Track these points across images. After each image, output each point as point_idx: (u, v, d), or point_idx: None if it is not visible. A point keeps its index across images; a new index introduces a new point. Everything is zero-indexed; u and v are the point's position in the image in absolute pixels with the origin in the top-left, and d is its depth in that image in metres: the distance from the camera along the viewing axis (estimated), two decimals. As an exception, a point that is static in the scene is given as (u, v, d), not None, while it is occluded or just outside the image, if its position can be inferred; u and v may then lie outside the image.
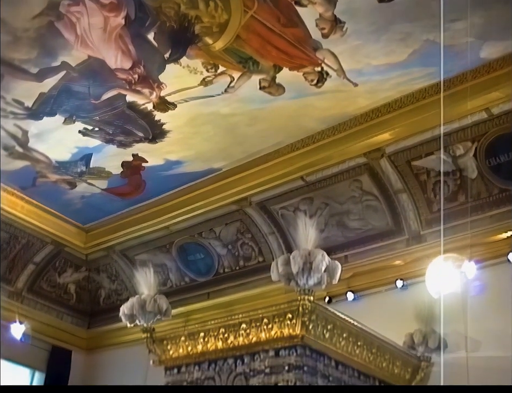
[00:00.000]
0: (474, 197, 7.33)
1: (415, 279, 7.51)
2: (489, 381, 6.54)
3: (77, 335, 11.51)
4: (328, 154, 7.77)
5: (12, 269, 10.55)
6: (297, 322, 5.44)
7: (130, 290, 10.46)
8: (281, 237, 8.85)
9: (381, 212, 7.96)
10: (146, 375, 9.79)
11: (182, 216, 9.26)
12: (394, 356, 6.70)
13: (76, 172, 8.94)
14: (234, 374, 5.86)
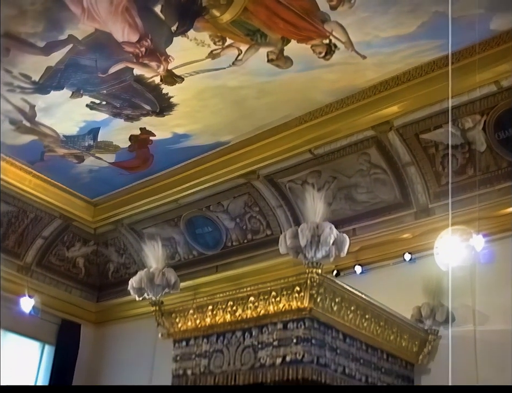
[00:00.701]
0: (483, 171, 7.29)
1: (423, 253, 7.50)
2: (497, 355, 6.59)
3: (86, 309, 11.57)
4: (336, 127, 7.74)
5: (21, 243, 10.59)
6: (305, 295, 5.45)
7: (139, 263, 10.51)
8: (289, 210, 8.85)
9: (389, 185, 7.94)
10: (155, 348, 9.88)
11: (190, 189, 9.26)
12: (402, 329, 6.71)
13: (84, 146, 8.94)
14: (243, 346, 5.89)
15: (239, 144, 8.52)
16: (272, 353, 5.60)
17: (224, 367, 5.98)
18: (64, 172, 9.67)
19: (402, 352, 6.78)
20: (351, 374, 5.95)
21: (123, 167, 9.37)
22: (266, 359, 5.64)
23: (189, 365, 6.32)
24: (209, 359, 6.14)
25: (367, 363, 6.22)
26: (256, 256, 9.32)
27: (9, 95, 7.91)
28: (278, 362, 5.54)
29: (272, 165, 8.49)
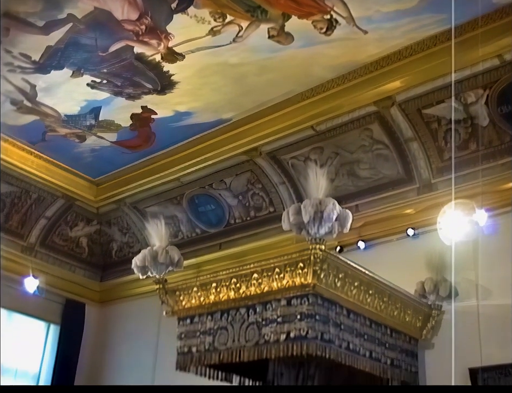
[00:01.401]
0: (485, 145, 7.27)
1: (426, 228, 7.51)
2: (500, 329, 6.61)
3: (90, 288, 11.62)
4: (338, 103, 7.72)
5: (24, 224, 10.61)
6: (308, 271, 5.45)
7: (142, 242, 10.52)
8: (291, 187, 8.83)
9: (392, 160, 7.93)
10: (159, 326, 9.93)
11: (192, 167, 9.25)
12: (406, 304, 6.72)
13: (85, 126, 8.93)
14: (247, 323, 5.89)
15: (241, 121, 8.50)
16: (276, 330, 5.60)
17: (229, 344, 5.98)
18: (66, 151, 9.67)
19: (406, 327, 6.80)
20: (355, 349, 5.96)
21: (125, 146, 9.37)
22: (270, 335, 5.64)
23: (193, 343, 6.33)
24: (214, 337, 6.14)
25: (371, 339, 6.23)
26: (259, 233, 9.34)
27: (9, 76, 7.89)
28: (282, 338, 5.54)
29: (274, 142, 8.47)
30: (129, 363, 10.62)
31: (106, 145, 9.38)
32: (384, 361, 6.39)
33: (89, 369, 11.21)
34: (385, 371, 6.42)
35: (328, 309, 5.64)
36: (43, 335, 11.12)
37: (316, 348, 5.44)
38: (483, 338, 6.75)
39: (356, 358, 5.97)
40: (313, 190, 5.44)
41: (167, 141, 9.13)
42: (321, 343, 5.49)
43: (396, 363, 6.59)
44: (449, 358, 5.82)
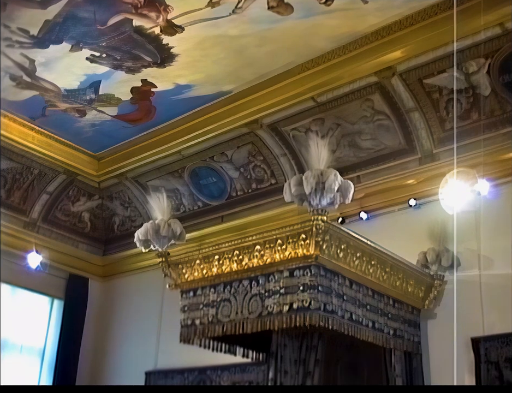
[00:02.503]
0: (487, 115, 7.25)
1: (428, 198, 7.52)
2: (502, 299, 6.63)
3: (93, 262, 11.66)
4: (339, 74, 7.67)
5: (26, 199, 10.61)
6: (310, 242, 5.45)
7: (144, 216, 10.54)
8: (293, 159, 8.82)
9: (393, 131, 7.90)
10: (162, 299, 9.98)
11: (193, 140, 9.22)
12: (408, 274, 6.74)
13: (86, 100, 8.88)
14: (250, 295, 5.90)
15: (241, 93, 8.44)
16: (279, 301, 5.62)
17: (232, 316, 6.00)
18: (67, 126, 9.64)
19: (408, 297, 6.82)
20: (358, 320, 5.98)
21: (126, 119, 9.33)
22: (273, 307, 5.66)
23: (197, 315, 6.36)
24: (217, 309, 6.16)
25: (374, 309, 6.26)
26: (261, 205, 9.35)
27: (8, 51, 7.83)
28: (285, 310, 5.56)
29: (275, 114, 8.43)
30: (133, 337, 10.69)
31: (106, 119, 9.34)
32: (387, 331, 6.42)
33: (93, 343, 11.29)
34: (388, 342, 6.46)
35: (330, 280, 5.65)
36: (47, 310, 11.18)
37: (319, 319, 5.45)
38: (485, 307, 6.79)
39: (358, 329, 5.99)
40: (314, 161, 5.41)
41: (167, 114, 9.08)
42: (324, 313, 5.51)
43: (399, 333, 6.62)
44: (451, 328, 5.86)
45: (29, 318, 10.82)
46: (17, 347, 10.54)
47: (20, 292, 10.76)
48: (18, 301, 10.73)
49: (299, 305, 5.48)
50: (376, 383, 7.19)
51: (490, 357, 6.56)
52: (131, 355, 10.60)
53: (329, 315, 5.57)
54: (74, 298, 11.22)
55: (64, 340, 10.88)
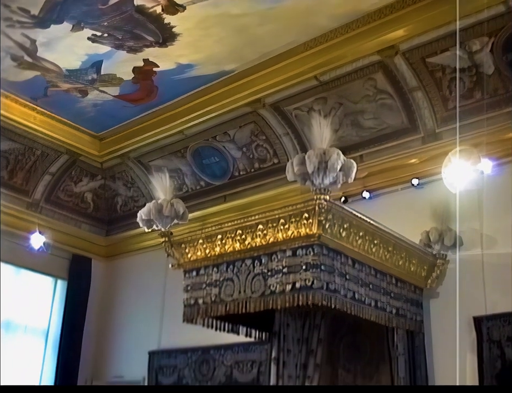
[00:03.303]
0: (490, 94, 7.20)
1: (430, 178, 7.51)
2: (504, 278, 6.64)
3: (96, 243, 11.69)
4: (342, 53, 7.61)
5: (29, 180, 10.62)
6: (313, 221, 5.44)
7: (147, 196, 10.54)
8: (295, 138, 8.80)
9: (396, 110, 7.87)
10: (165, 279, 10.00)
11: (196, 120, 9.18)
12: (411, 254, 6.75)
13: (87, 80, 8.85)
14: (253, 274, 5.91)
15: (243, 72, 8.40)
16: (282, 280, 5.63)
17: (235, 295, 6.01)
18: (69, 107, 9.61)
19: (411, 276, 6.83)
20: (360, 299, 5.99)
21: (128, 99, 9.29)
22: (276, 286, 5.67)
23: (200, 295, 6.37)
24: (220, 288, 6.17)
25: (376, 288, 6.26)
26: (264, 184, 9.33)
27: (8, 31, 7.79)
28: (288, 289, 5.57)
29: (278, 93, 8.38)
30: (136, 317, 10.73)
31: (108, 99, 9.31)
32: (389, 310, 6.43)
33: (96, 323, 11.34)
34: (390, 321, 6.47)
35: (333, 259, 5.66)
36: (51, 290, 11.22)
37: (321, 298, 5.46)
38: (488, 286, 6.80)
39: (361, 308, 6.00)
40: (317, 140, 5.40)
41: (169, 93, 9.04)
42: (327, 292, 5.52)
43: (401, 312, 6.63)
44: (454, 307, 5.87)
45: (32, 298, 10.86)
46: (21, 327, 10.59)
47: (24, 272, 10.79)
48: (22, 282, 10.77)
49: (302, 284, 5.49)
50: (378, 362, 7.24)
51: (492, 336, 6.58)
52: (134, 335, 10.64)
53: (332, 294, 5.57)
54: (77, 278, 11.26)
55: (68, 320, 10.93)
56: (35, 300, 10.90)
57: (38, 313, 10.92)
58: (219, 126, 9.24)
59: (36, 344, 10.80)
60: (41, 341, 10.87)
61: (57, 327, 10.94)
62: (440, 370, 6.94)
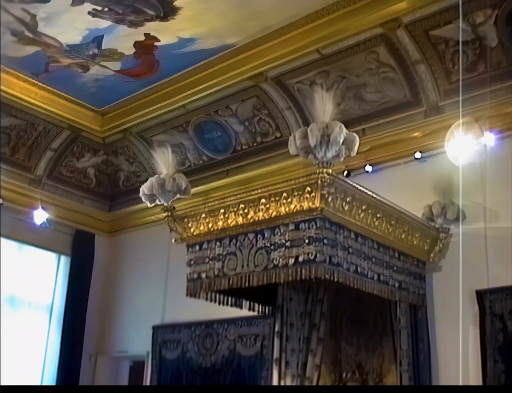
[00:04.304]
0: (494, 67, 7.16)
1: (433, 151, 7.49)
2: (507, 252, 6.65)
3: (99, 218, 11.70)
4: (344, 26, 7.53)
5: (31, 156, 10.61)
6: (316, 195, 5.44)
7: (149, 171, 10.53)
8: (298, 112, 8.75)
9: (399, 83, 7.82)
10: (169, 254, 10.02)
11: (198, 94, 9.13)
12: (413, 227, 6.75)
13: (88, 55, 8.79)
14: (256, 248, 5.93)
15: (245, 46, 8.33)
16: (285, 254, 5.65)
17: (238, 269, 6.04)
18: (70, 82, 9.56)
19: (413, 250, 6.84)
20: (363, 272, 6.02)
21: (129, 74, 9.23)
22: (279, 260, 5.69)
23: (203, 269, 6.40)
24: (223, 262, 6.20)
25: (379, 262, 6.28)
26: (266, 159, 9.32)
27: (8, 6, 7.74)
28: (290, 263, 5.60)
29: (280, 67, 8.32)
30: (140, 291, 10.77)
31: (109, 74, 9.25)
32: (392, 283, 6.45)
33: (100, 298, 11.39)
34: (393, 294, 6.49)
35: (336, 233, 5.67)
36: (55, 266, 11.25)
37: (324, 272, 5.48)
38: (490, 260, 6.81)
39: (364, 281, 6.02)
40: (319, 114, 5.38)
41: (171, 68, 8.98)
42: (329, 266, 5.54)
43: (404, 286, 6.65)
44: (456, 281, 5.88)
45: (36, 274, 10.90)
46: (25, 303, 10.64)
47: (27, 248, 10.82)
48: (25, 258, 10.80)
49: (305, 258, 5.51)
50: (381, 336, 7.26)
51: (494, 310, 6.60)
52: (138, 310, 10.68)
53: (334, 267, 5.59)
54: (81, 254, 11.29)
55: (72, 295, 10.98)
56: (38, 276, 10.94)
57: (42, 288, 10.96)
58: (221, 100, 9.20)
59: (40, 319, 10.84)
60: (45, 317, 10.91)
61: (61, 303, 10.98)
62: (442, 344, 6.98)
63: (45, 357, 10.75)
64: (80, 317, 10.93)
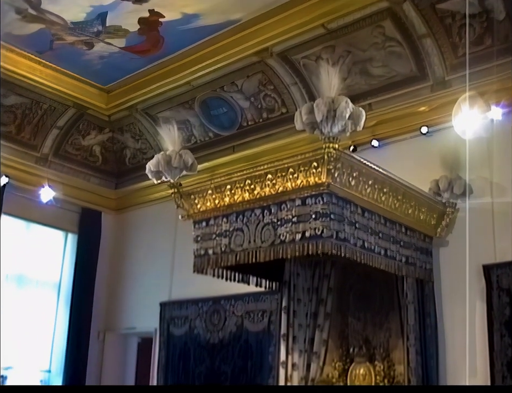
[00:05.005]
0: (501, 40, 7.09)
1: (440, 126, 7.46)
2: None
3: (106, 196, 11.72)
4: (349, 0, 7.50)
5: (37, 135, 10.61)
6: (322, 170, 5.43)
7: (155, 148, 10.52)
8: (303, 87, 8.70)
9: (405, 58, 7.76)
10: (175, 231, 10.05)
11: (203, 70, 9.09)
12: (420, 202, 6.74)
13: (93, 32, 8.75)
14: (262, 224, 5.93)
15: (250, 21, 8.26)
16: (292, 230, 5.65)
17: (245, 245, 6.04)
18: (75, 60, 9.53)
19: (420, 225, 6.83)
20: (370, 247, 6.01)
21: (134, 51, 9.18)
22: (285, 235, 5.69)
23: (210, 245, 6.41)
24: (230, 238, 6.20)
25: (386, 237, 6.28)
26: (273, 134, 9.29)
27: (12, -17, 7.75)
28: (297, 238, 5.60)
29: (285, 42, 8.26)
30: (147, 268, 10.81)
31: (114, 51, 9.21)
32: (399, 258, 6.45)
33: (107, 275, 11.43)
34: (400, 269, 6.50)
35: (342, 208, 5.66)
36: (62, 244, 11.30)
37: (331, 247, 5.48)
38: (497, 235, 6.80)
39: (371, 256, 6.02)
40: (325, 89, 5.35)
41: (176, 44, 8.94)
42: (336, 241, 5.53)
43: (411, 261, 6.66)
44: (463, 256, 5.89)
45: (44, 252, 10.94)
46: (33, 281, 10.69)
47: (34, 227, 10.86)
48: (33, 236, 10.84)
49: (311, 233, 5.51)
50: (388, 311, 7.29)
51: (501, 284, 6.60)
52: (145, 287, 10.72)
53: (341, 243, 5.59)
54: (88, 231, 11.32)
55: (79, 273, 11.02)
56: (46, 254, 10.99)
57: (49, 267, 11.01)
58: (226, 76, 9.15)
59: (48, 297, 10.90)
60: (53, 295, 10.98)
61: (69, 281, 11.03)
62: (449, 318, 6.99)
63: (54, 335, 10.83)
64: (88, 295, 10.97)
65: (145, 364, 10.58)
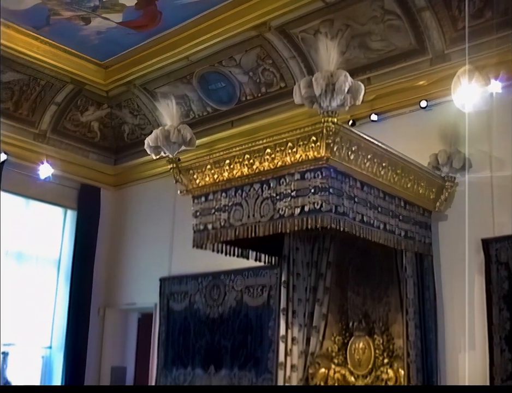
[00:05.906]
0: (501, 13, 7.02)
1: (439, 100, 7.43)
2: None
3: (104, 172, 11.70)
4: (348, -28, 7.48)
5: (35, 111, 10.57)
6: (321, 144, 5.41)
7: (153, 124, 10.48)
8: (302, 62, 8.65)
9: (404, 31, 7.70)
10: (174, 206, 10.05)
11: (201, 45, 9.03)
12: (419, 176, 6.72)
13: (90, 7, 8.67)
14: (261, 198, 5.92)
15: (248, -5, 8.24)
16: (291, 204, 5.64)
17: (244, 220, 6.03)
18: (72, 35, 9.45)
19: (419, 199, 6.83)
20: (369, 221, 6.00)
21: (131, 26, 9.10)
22: (284, 210, 5.68)
23: (209, 220, 6.41)
24: (229, 213, 6.20)
25: (385, 211, 6.26)
26: (271, 109, 9.26)
27: (7, -42, 7.68)
28: (296, 212, 5.59)
29: (283, 16, 8.17)
30: (146, 244, 10.83)
31: (112, 26, 9.13)
32: (398, 232, 6.45)
33: (107, 252, 11.46)
34: (399, 243, 6.50)
35: (341, 182, 5.64)
36: (61, 221, 11.31)
37: (330, 221, 5.47)
38: (496, 209, 6.80)
39: (370, 231, 6.02)
40: (324, 63, 5.31)
41: (173, 19, 8.86)
42: (336, 215, 5.52)
43: (410, 235, 6.65)
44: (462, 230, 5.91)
45: (43, 229, 10.95)
46: (32, 258, 10.71)
47: (33, 204, 10.86)
48: (32, 213, 10.85)
49: (310, 207, 5.50)
50: (387, 285, 7.31)
51: (500, 258, 6.61)
52: (145, 262, 10.76)
53: (340, 217, 5.58)
54: (87, 208, 11.32)
55: (79, 249, 11.03)
56: (45, 231, 11.00)
57: (49, 243, 11.03)
58: (224, 51, 9.09)
59: (48, 274, 10.93)
60: (53, 272, 11.00)
61: (68, 257, 11.04)
62: (448, 292, 7.01)
63: (54, 312, 10.86)
64: (88, 271, 11.00)
65: (145, 339, 10.64)
